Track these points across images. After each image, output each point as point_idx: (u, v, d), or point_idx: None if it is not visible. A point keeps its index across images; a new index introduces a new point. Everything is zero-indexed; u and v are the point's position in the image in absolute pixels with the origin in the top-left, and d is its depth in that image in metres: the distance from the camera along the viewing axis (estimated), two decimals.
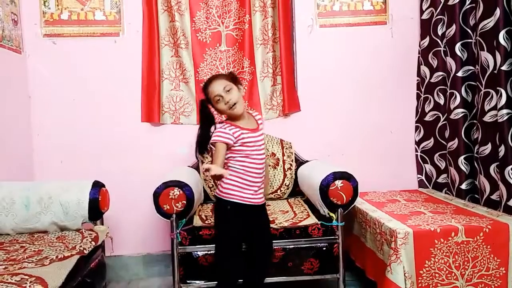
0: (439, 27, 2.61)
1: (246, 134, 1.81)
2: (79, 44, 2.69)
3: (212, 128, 1.83)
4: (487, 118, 2.17)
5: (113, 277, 2.63)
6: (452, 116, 2.48)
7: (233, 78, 1.86)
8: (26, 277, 1.42)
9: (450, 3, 2.47)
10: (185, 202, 1.98)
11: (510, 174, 2.00)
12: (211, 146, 1.81)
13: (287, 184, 2.60)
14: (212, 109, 1.86)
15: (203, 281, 2.03)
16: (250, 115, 1.92)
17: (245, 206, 1.84)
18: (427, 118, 2.76)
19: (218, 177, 1.79)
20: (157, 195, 1.97)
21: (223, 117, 1.93)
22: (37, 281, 1.40)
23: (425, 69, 2.77)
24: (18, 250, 1.74)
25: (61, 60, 2.69)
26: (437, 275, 1.84)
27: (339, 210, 2.06)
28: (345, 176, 2.05)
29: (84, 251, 1.79)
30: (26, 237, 1.94)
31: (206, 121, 1.86)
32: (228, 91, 1.79)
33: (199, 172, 2.55)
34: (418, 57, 2.83)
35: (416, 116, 2.86)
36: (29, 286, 1.36)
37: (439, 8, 2.59)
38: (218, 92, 1.78)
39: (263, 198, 1.91)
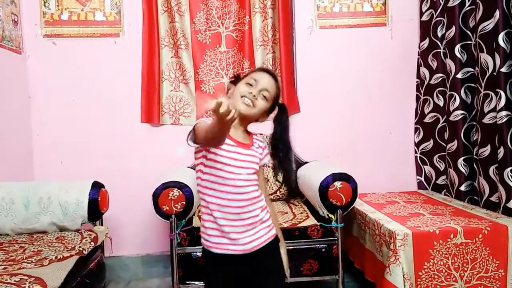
0: (438, 28, 2.61)
1: (229, 146, 1.33)
2: (79, 44, 2.70)
3: None
4: (486, 120, 2.18)
5: (112, 277, 2.63)
6: (451, 118, 2.48)
7: (276, 98, 1.46)
8: (26, 277, 1.42)
9: (450, 4, 2.48)
10: (184, 203, 1.98)
11: (509, 176, 2.00)
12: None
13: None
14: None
15: (202, 282, 2.02)
16: (250, 135, 1.47)
17: (226, 257, 1.29)
18: (426, 120, 2.76)
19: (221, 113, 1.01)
20: (156, 195, 1.98)
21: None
22: (36, 281, 1.40)
23: (424, 71, 2.77)
24: (17, 251, 1.74)
25: (61, 60, 2.69)
26: (436, 276, 1.84)
27: (338, 211, 2.06)
28: (344, 178, 2.06)
29: (84, 251, 1.79)
30: (26, 237, 1.94)
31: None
32: (264, 97, 1.38)
33: None
34: (418, 58, 2.83)
35: (415, 118, 2.86)
36: (29, 286, 1.37)
37: (439, 10, 2.60)
38: (258, 83, 1.36)
39: (257, 242, 1.32)
